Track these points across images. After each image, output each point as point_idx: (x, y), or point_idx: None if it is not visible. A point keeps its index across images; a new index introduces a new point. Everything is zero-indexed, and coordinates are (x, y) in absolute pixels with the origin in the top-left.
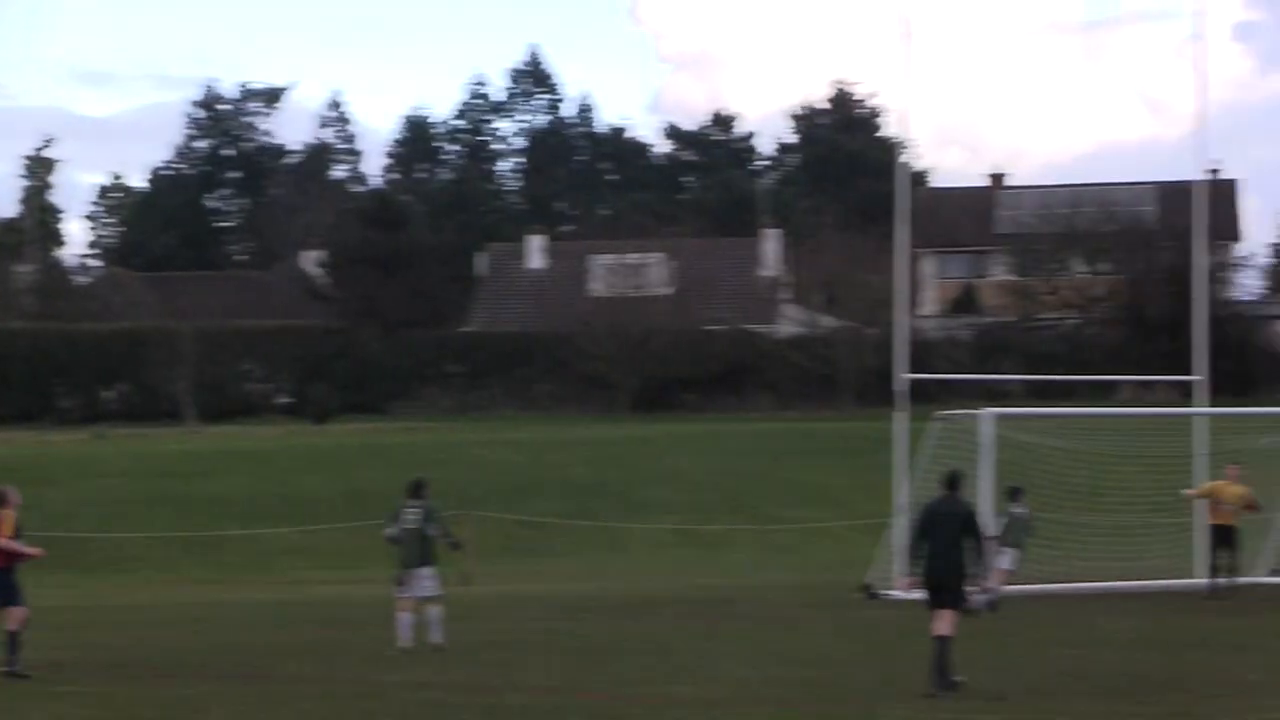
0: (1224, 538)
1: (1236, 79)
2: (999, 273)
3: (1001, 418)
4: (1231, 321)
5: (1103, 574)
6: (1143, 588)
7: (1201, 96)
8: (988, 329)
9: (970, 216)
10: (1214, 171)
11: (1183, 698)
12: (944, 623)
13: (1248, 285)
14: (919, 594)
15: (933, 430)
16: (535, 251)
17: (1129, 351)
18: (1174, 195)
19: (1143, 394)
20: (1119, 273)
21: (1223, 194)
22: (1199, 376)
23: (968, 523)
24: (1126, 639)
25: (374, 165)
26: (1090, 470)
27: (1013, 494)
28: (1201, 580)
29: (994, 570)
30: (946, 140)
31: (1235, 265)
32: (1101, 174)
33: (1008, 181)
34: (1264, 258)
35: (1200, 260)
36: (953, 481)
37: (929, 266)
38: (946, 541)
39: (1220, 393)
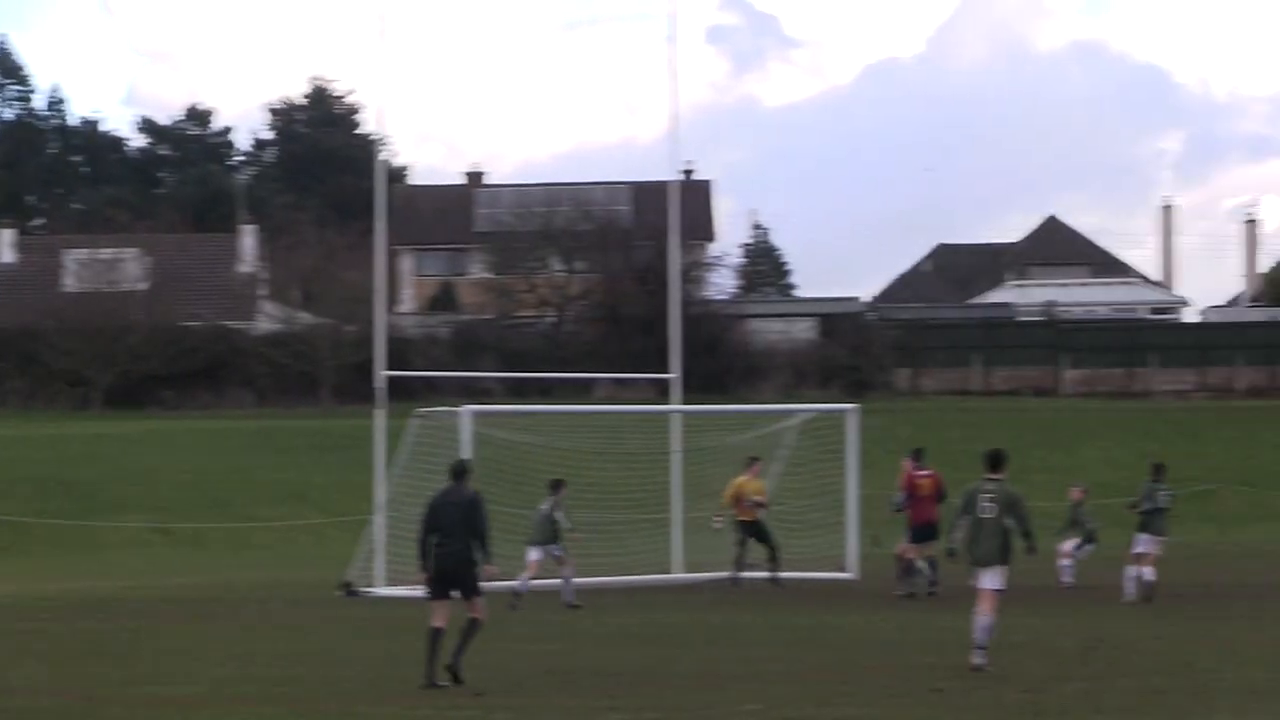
0: (751, 532)
1: (711, 81)
2: (477, 270)
3: (480, 415)
4: (705, 320)
5: (584, 570)
6: (625, 583)
7: (675, 98)
8: (466, 326)
9: (449, 214)
10: (688, 172)
11: (660, 691)
12: (444, 615)
13: (721, 284)
14: (422, 588)
15: (411, 428)
16: (4, 246)
17: (606, 349)
18: (649, 195)
19: (620, 392)
20: (595, 271)
21: (697, 194)
22: (674, 374)
23: (470, 512)
24: (607, 634)
25: None
26: (570, 467)
27: (554, 487)
28: (696, 575)
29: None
30: (425, 138)
31: (709, 265)
32: (579, 173)
33: (486, 180)
34: (736, 257)
35: (674, 259)
36: (459, 472)
37: (407, 264)
38: (451, 532)
39: (695, 390)
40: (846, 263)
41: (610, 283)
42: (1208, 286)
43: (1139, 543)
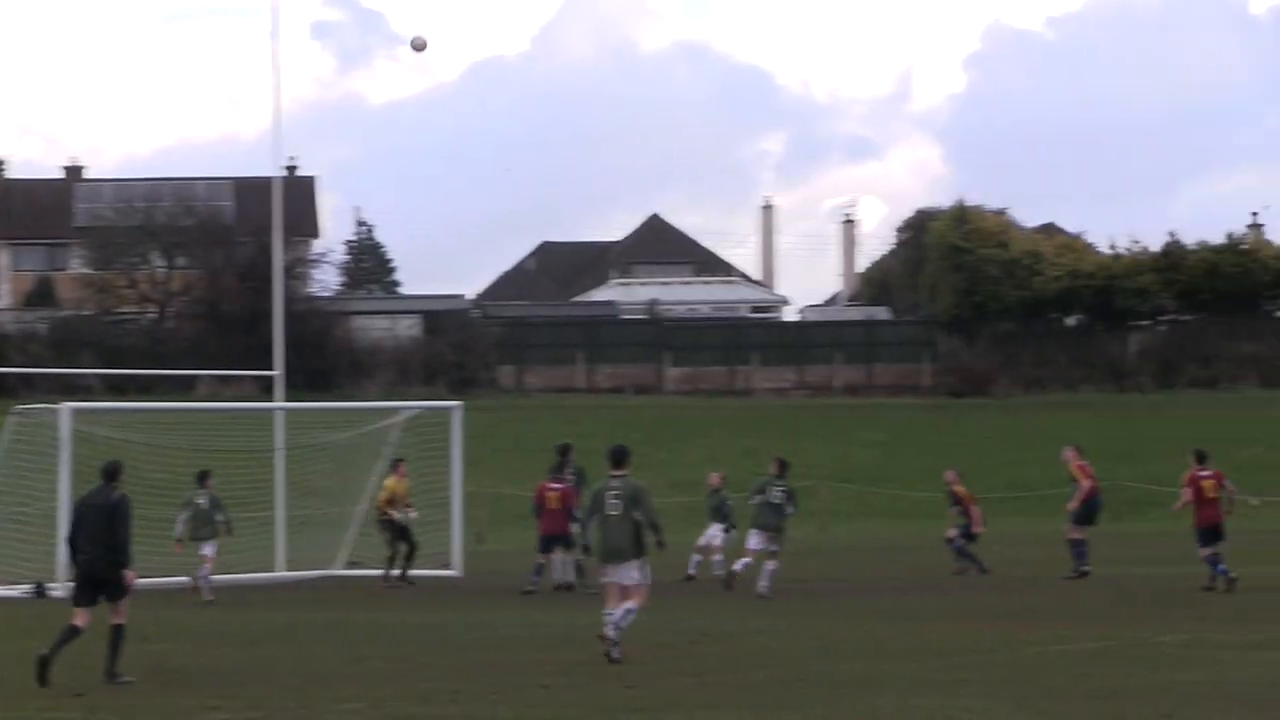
0: (396, 531)
1: (317, 77)
2: (77, 265)
3: (79, 412)
4: (309, 317)
5: (177, 569)
6: (228, 581)
7: (278, 94)
8: (65, 322)
9: (47, 208)
10: (291, 168)
11: (264, 690)
12: (84, 617)
13: (325, 281)
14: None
15: (9, 425)
16: None
17: (208, 346)
18: (252, 191)
19: (222, 389)
20: (197, 267)
21: (300, 191)
22: (277, 371)
23: (112, 517)
24: (212, 633)
25: None
26: (172, 466)
27: (202, 479)
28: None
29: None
30: (24, 131)
31: (313, 261)
32: (183, 168)
33: (86, 174)
34: (340, 254)
35: (278, 256)
36: (109, 473)
37: (4, 258)
38: (93, 536)
39: (299, 387)
40: (451, 260)
41: (212, 279)
42: (809, 286)
43: (750, 537)
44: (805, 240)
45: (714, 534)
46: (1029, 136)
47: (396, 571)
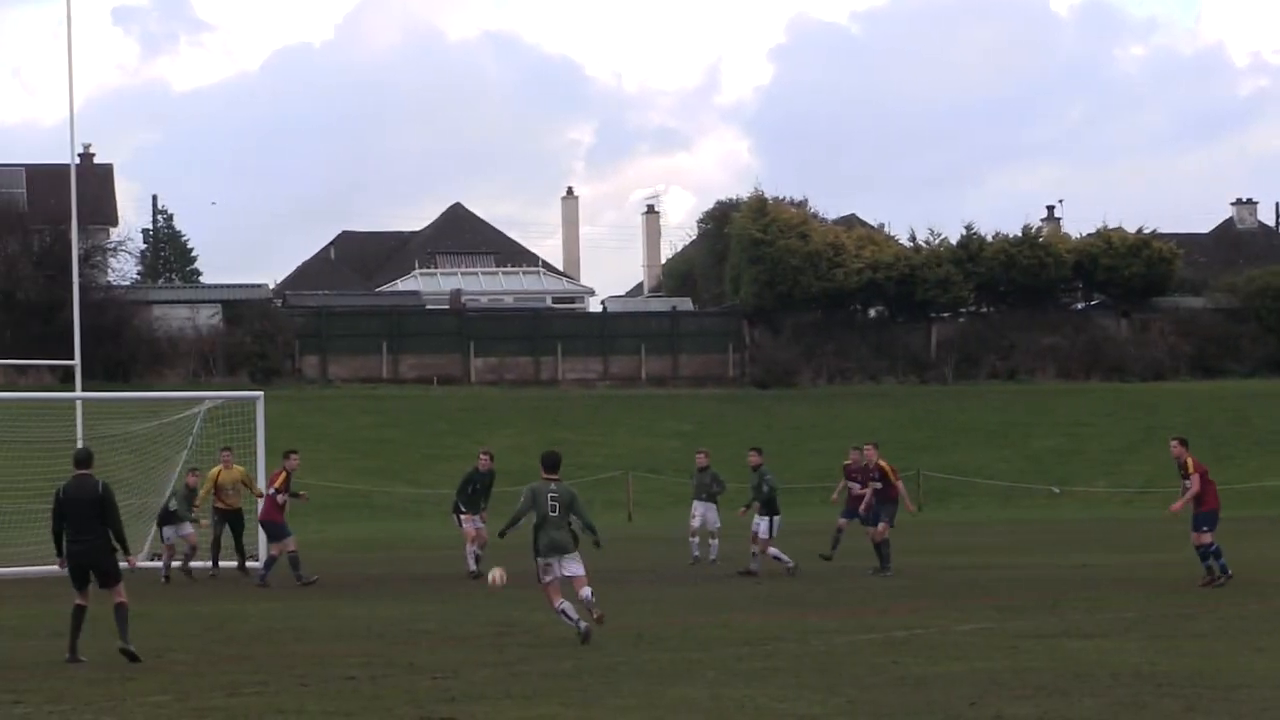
0: (230, 521)
1: (120, 64)
2: None
3: None
4: (108, 306)
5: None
6: (24, 574)
7: (71, 80)
8: None
9: None
10: (87, 155)
11: (67, 684)
12: (86, 596)
13: (124, 270)
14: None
15: None
16: None
17: (2, 335)
18: (48, 178)
19: (18, 378)
20: None
21: (98, 178)
22: (76, 361)
23: (102, 506)
24: (11, 626)
25: None
26: None
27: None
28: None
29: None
30: None
31: (111, 249)
32: None
33: None
34: (139, 243)
35: (74, 244)
36: (82, 459)
37: None
38: (83, 526)
39: (98, 377)
40: (252, 250)
41: (6, 267)
42: (617, 277)
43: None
44: (614, 231)
45: (702, 510)
46: (833, 128)
47: (233, 563)
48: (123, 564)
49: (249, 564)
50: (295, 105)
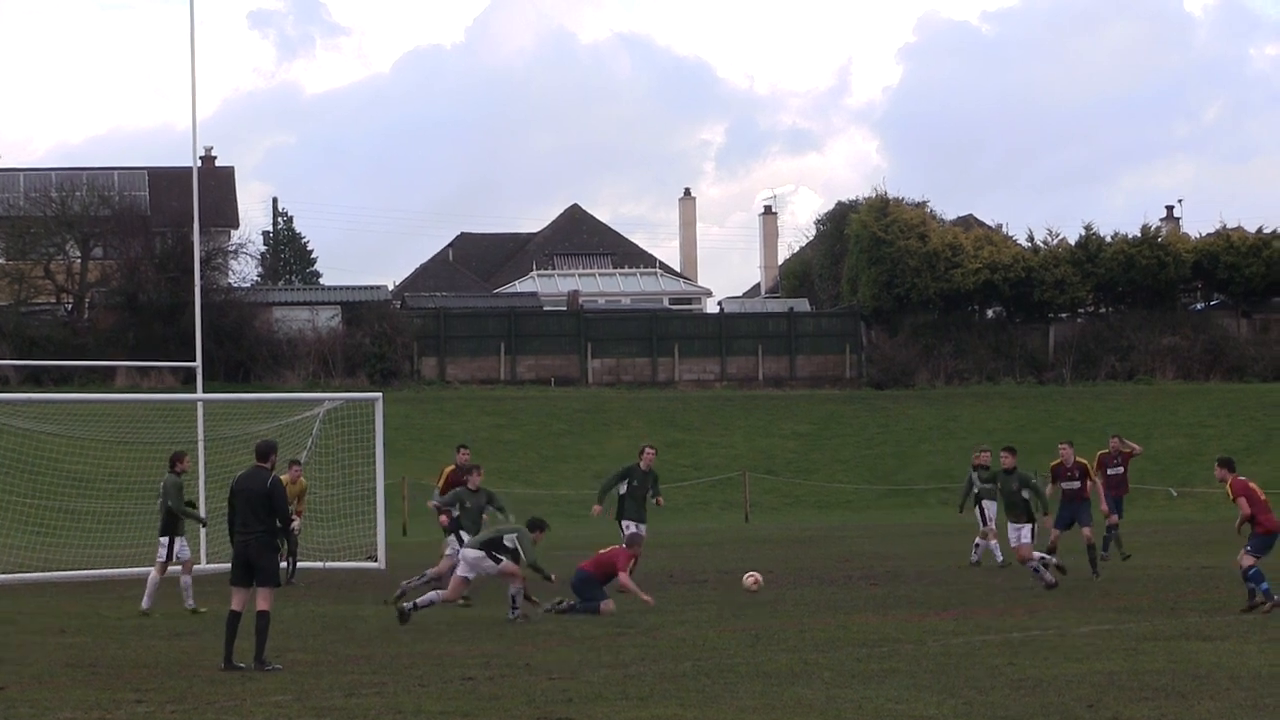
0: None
1: (255, 66)
2: None
3: None
4: (229, 308)
5: (97, 561)
6: (137, 575)
7: (194, 83)
8: None
9: None
10: (209, 158)
11: (188, 684)
12: (241, 599)
13: (244, 272)
14: None
15: None
16: None
17: (126, 337)
18: (170, 181)
19: (141, 380)
20: (114, 257)
21: (220, 180)
22: (197, 362)
23: (271, 499)
24: (133, 626)
25: None
26: (90, 457)
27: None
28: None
29: None
30: None
31: (232, 251)
32: (104, 158)
33: (2, 164)
34: (260, 244)
35: (197, 247)
36: (263, 453)
37: None
38: (249, 519)
39: (219, 379)
40: (376, 252)
41: (130, 269)
42: (739, 277)
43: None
44: (741, 232)
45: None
46: (962, 128)
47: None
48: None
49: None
50: (424, 107)
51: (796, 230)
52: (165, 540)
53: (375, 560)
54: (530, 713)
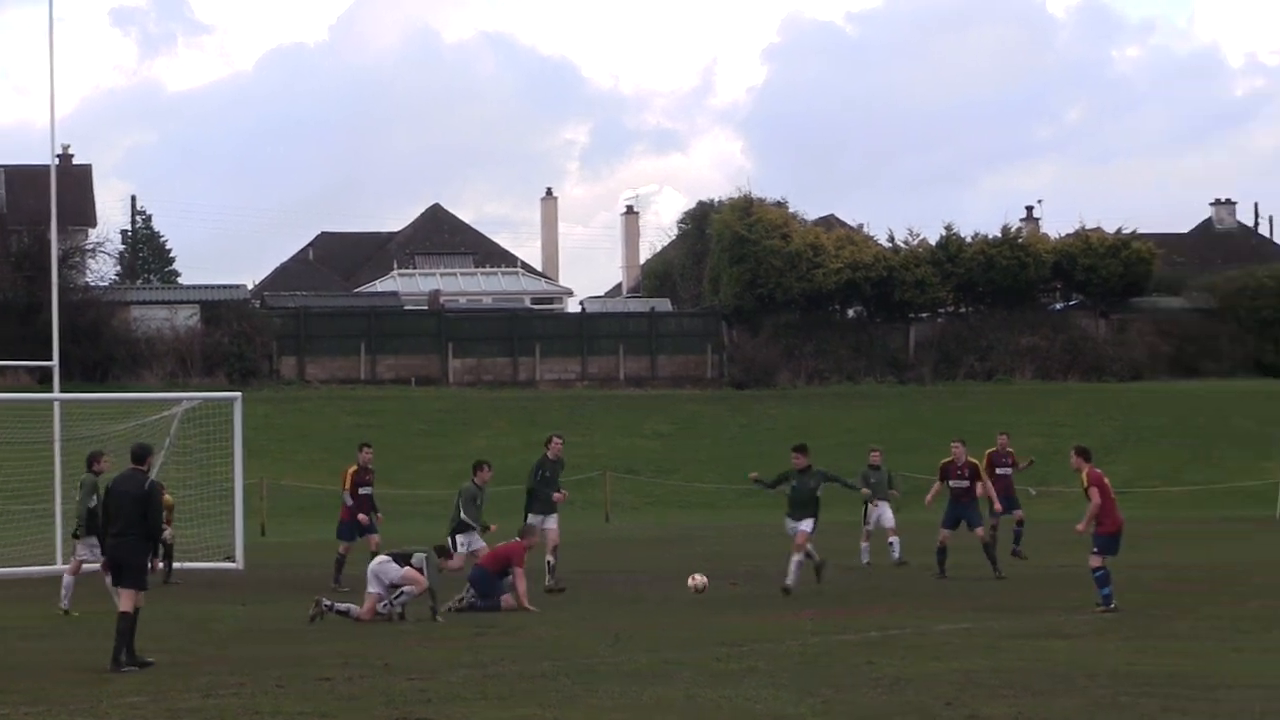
0: None
1: (117, 64)
2: None
3: None
4: (86, 307)
5: None
6: (6, 575)
7: (54, 81)
8: None
9: None
10: (68, 157)
11: (42, 684)
12: (128, 600)
13: (102, 270)
14: None
15: None
16: None
17: None
18: (27, 179)
19: None
20: None
21: (77, 179)
22: (54, 362)
23: (144, 504)
24: None
25: None
26: None
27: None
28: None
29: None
30: None
31: (90, 250)
32: None
33: None
34: (118, 243)
35: (54, 245)
36: (139, 456)
37: None
38: (125, 520)
39: (76, 378)
40: (237, 251)
41: None
42: (602, 277)
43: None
44: (605, 232)
45: (878, 512)
46: (826, 129)
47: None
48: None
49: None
50: (288, 106)
51: (660, 230)
52: (93, 540)
53: (233, 561)
54: (389, 713)
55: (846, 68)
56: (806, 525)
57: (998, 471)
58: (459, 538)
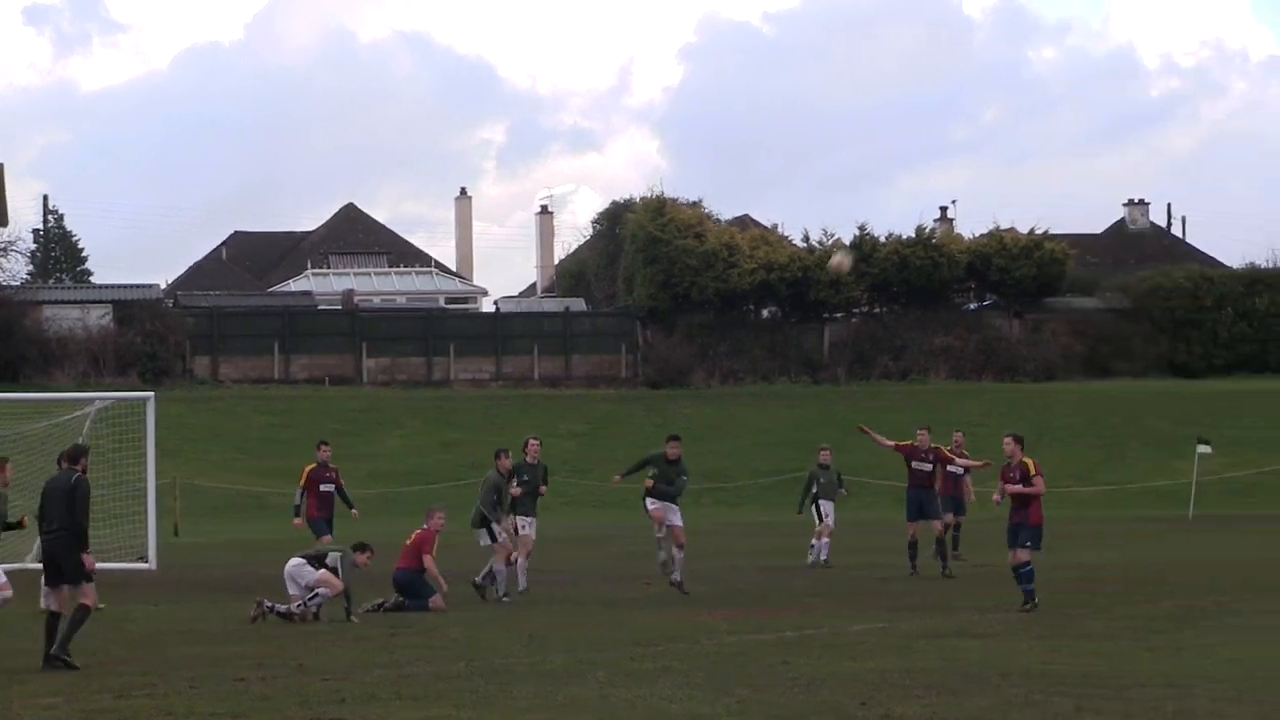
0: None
1: (31, 63)
2: None
3: None
4: None
5: None
6: None
7: None
8: None
9: None
10: None
11: None
12: (56, 599)
13: (13, 270)
14: None
15: None
16: None
17: None
18: None
19: None
20: None
21: None
22: None
23: (70, 499)
24: None
25: None
26: None
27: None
28: None
29: None
30: None
31: (1, 250)
32: None
33: None
34: (29, 243)
35: None
36: (72, 456)
37: None
38: (53, 518)
39: None
40: (150, 250)
41: None
42: (518, 277)
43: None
44: (521, 231)
45: (828, 510)
46: (742, 128)
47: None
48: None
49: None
50: (203, 105)
51: (576, 230)
52: None
53: (146, 561)
54: (302, 713)
55: (763, 68)
56: (677, 519)
57: (948, 469)
58: (489, 529)
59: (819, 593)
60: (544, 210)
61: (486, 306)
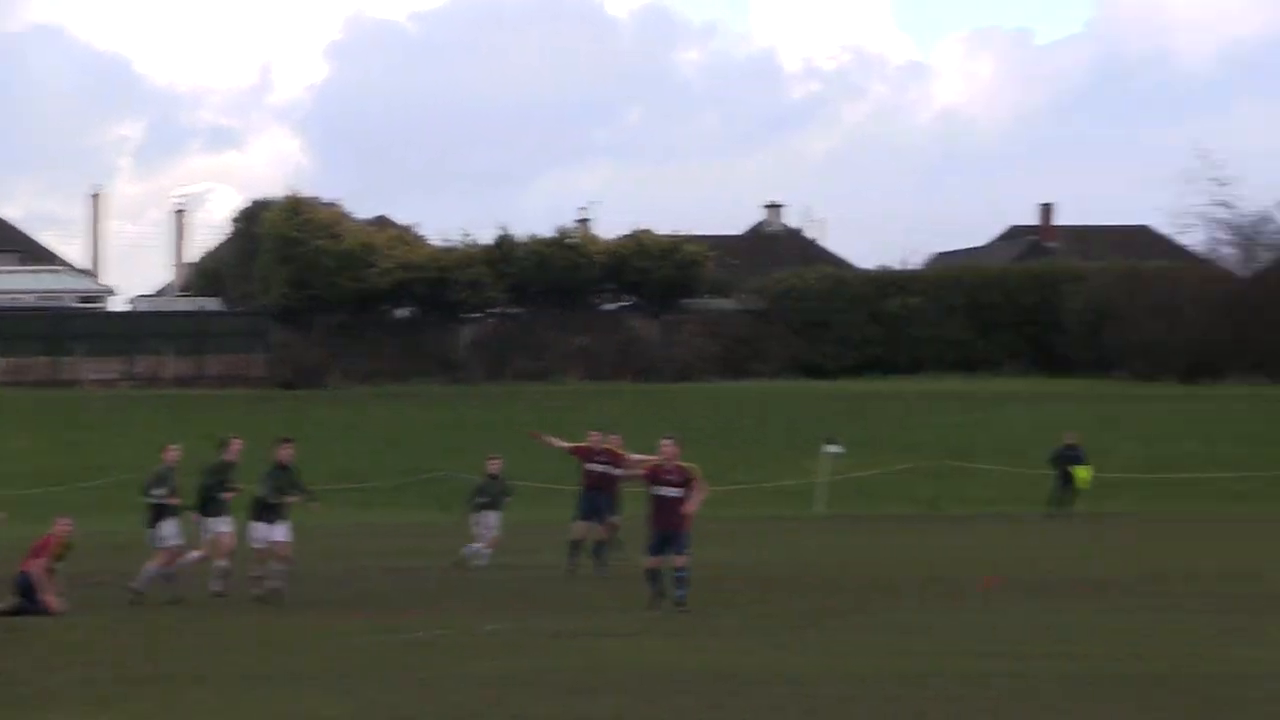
0: None
1: None
2: None
3: None
4: None
5: None
6: None
7: None
8: None
9: None
10: None
11: None
12: None
13: None
14: None
15: None
16: None
17: None
18: None
19: None
20: None
21: None
22: None
23: None
24: None
25: None
26: None
27: None
28: None
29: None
30: None
31: None
32: None
33: None
34: None
35: None
36: None
37: None
38: None
39: None
40: None
41: None
42: (153, 276)
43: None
44: (158, 230)
45: (495, 520)
46: (387, 127)
47: None
48: None
49: None
50: None
51: (213, 229)
52: None
53: None
54: None
55: (409, 67)
56: (281, 533)
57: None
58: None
59: (451, 594)
60: (179, 209)
61: (121, 306)
